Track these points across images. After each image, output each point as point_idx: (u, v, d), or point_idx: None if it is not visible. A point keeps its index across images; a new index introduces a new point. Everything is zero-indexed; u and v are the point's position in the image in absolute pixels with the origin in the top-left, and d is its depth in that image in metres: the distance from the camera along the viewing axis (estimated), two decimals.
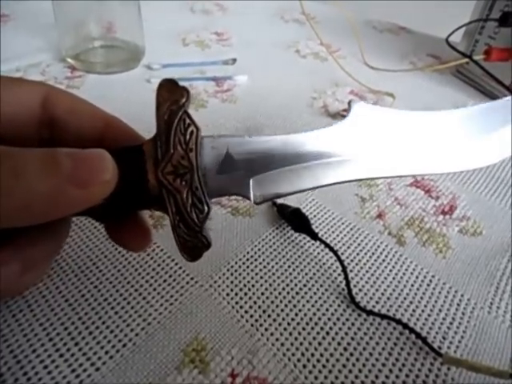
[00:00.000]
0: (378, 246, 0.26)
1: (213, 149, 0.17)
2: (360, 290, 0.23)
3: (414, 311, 0.22)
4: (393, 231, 0.27)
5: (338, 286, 0.23)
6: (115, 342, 0.20)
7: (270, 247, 0.25)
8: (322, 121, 0.38)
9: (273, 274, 0.24)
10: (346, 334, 0.21)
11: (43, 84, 0.19)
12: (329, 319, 0.21)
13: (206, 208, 0.17)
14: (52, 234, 0.17)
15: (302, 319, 0.21)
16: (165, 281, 0.23)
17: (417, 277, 0.24)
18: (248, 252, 0.25)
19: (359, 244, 0.26)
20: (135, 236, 0.19)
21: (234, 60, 0.46)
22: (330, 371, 0.19)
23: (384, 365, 0.20)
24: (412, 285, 0.24)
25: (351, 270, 0.24)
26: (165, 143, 0.16)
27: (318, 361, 0.20)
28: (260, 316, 0.21)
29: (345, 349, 0.20)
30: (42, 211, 0.14)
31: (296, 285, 0.23)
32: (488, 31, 0.43)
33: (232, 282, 0.23)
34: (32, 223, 0.14)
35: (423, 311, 0.22)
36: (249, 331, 0.21)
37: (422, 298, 0.23)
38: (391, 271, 0.24)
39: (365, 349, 0.20)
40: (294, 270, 0.24)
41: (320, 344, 0.20)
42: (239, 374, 0.19)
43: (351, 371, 0.19)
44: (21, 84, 0.18)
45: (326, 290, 0.23)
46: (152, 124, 0.17)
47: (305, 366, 0.20)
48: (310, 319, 0.21)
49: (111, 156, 0.15)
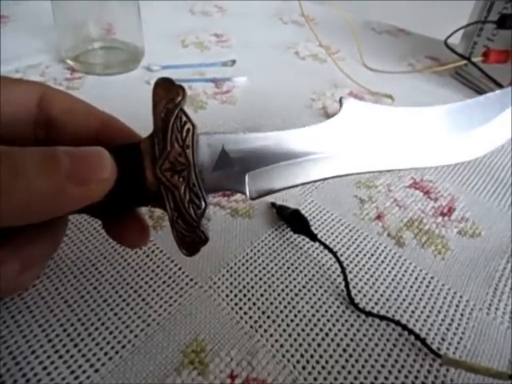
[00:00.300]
0: (377, 248, 0.26)
1: (209, 146, 0.18)
2: (359, 292, 0.23)
3: (413, 312, 0.22)
4: (392, 232, 0.27)
5: (337, 287, 0.23)
6: (114, 344, 0.20)
7: (270, 248, 0.25)
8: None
9: (272, 276, 0.24)
10: (345, 335, 0.21)
11: (39, 84, 0.19)
12: (328, 320, 0.22)
13: (203, 203, 0.17)
14: (50, 233, 0.17)
15: (301, 320, 0.21)
16: (164, 282, 0.23)
17: (416, 278, 0.24)
18: (247, 253, 0.25)
19: (358, 245, 0.26)
20: (133, 232, 0.19)
21: (234, 61, 0.46)
22: (329, 372, 0.19)
23: (383, 366, 0.20)
24: (411, 286, 0.24)
25: (350, 271, 0.24)
26: (162, 140, 0.17)
27: (317, 362, 0.20)
28: (259, 317, 0.21)
29: (344, 350, 0.20)
30: (42, 209, 0.14)
31: (295, 286, 0.23)
32: (486, 33, 0.44)
33: (231, 284, 0.23)
34: (32, 222, 0.14)
35: (422, 312, 0.22)
36: (248, 332, 0.21)
37: (421, 299, 0.23)
38: (390, 272, 0.24)
39: (364, 350, 0.20)
40: (294, 272, 0.24)
41: (319, 345, 0.20)
42: (238, 376, 0.19)
43: (350, 372, 0.19)
44: (17, 84, 0.18)
45: (326, 291, 0.23)
46: (151, 124, 0.17)
47: (304, 368, 0.20)
48: (309, 320, 0.21)
49: (109, 154, 0.15)
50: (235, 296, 0.22)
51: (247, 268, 0.24)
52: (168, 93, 0.17)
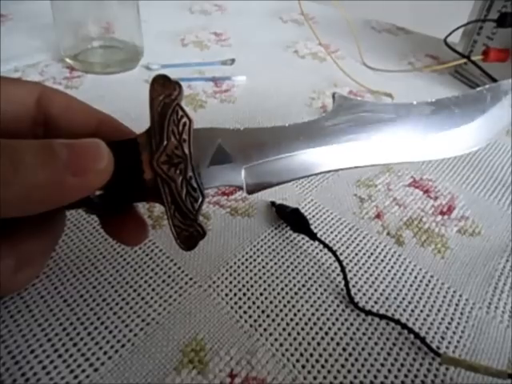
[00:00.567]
0: (377, 246, 0.26)
1: (206, 140, 0.18)
2: (359, 290, 0.23)
3: (413, 311, 0.22)
4: (391, 231, 0.27)
5: (337, 286, 0.23)
6: (114, 343, 0.20)
7: (269, 247, 0.25)
8: None
9: (272, 275, 0.24)
10: (345, 334, 0.21)
11: (38, 84, 0.19)
12: (327, 319, 0.22)
13: (201, 196, 0.17)
14: (47, 229, 0.18)
15: (301, 319, 0.21)
16: (163, 281, 0.23)
17: (415, 277, 0.24)
18: (247, 252, 0.25)
19: (358, 244, 0.26)
20: (131, 229, 0.19)
21: (233, 60, 0.46)
22: (329, 371, 0.19)
23: (383, 365, 0.20)
24: (411, 285, 0.24)
25: (350, 270, 0.24)
26: (159, 134, 0.17)
27: (317, 361, 0.20)
28: (259, 316, 0.21)
29: (343, 349, 0.20)
30: (40, 200, 0.14)
31: (295, 285, 0.23)
32: (486, 32, 0.44)
33: (231, 283, 0.23)
34: (30, 213, 0.14)
35: (422, 311, 0.22)
36: (247, 331, 0.21)
37: (421, 298, 0.23)
38: (390, 271, 0.24)
39: (363, 349, 0.20)
40: (293, 271, 0.24)
41: (319, 344, 0.20)
42: (238, 375, 0.19)
43: (350, 371, 0.19)
44: (16, 83, 0.18)
45: (325, 290, 0.23)
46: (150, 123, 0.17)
47: (304, 367, 0.20)
48: (309, 319, 0.21)
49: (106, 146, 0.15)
50: (235, 295, 0.22)
51: (247, 267, 0.24)
52: (165, 88, 0.17)
